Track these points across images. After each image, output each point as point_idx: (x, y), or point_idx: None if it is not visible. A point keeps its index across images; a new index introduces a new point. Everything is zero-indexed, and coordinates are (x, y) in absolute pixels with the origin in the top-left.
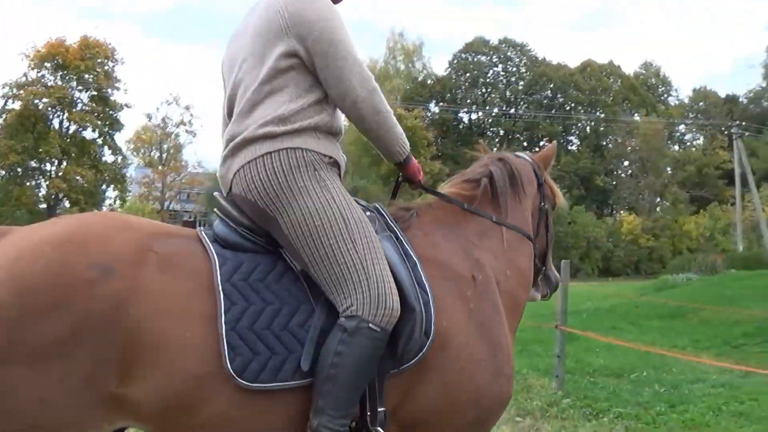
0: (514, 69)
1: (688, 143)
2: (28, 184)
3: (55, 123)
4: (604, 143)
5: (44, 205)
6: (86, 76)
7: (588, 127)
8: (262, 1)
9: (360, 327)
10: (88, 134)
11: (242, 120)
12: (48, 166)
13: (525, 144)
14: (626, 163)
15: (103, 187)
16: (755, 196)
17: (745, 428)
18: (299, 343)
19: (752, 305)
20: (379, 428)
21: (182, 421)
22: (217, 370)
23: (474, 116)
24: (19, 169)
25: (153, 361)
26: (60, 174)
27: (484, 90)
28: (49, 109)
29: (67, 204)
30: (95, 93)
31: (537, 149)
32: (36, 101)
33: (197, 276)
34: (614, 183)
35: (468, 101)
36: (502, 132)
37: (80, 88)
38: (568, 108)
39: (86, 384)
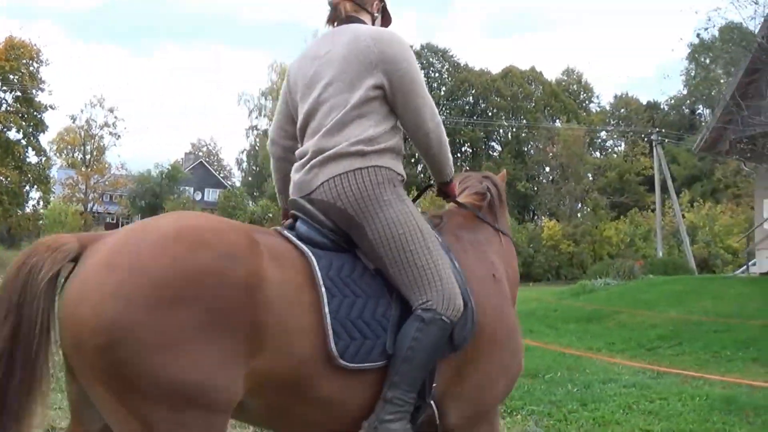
0: (437, 75)
1: (610, 149)
2: None
3: None
4: (526, 149)
5: None
6: (11, 76)
7: (510, 133)
8: (344, 32)
9: (435, 318)
10: (12, 135)
11: (331, 136)
12: None
13: None
14: (547, 169)
15: (27, 188)
16: (675, 202)
17: (653, 426)
18: (383, 330)
19: (668, 309)
20: (432, 401)
21: (291, 397)
22: (323, 351)
23: None
24: None
25: (274, 341)
26: None
27: None
28: None
29: None
30: (20, 94)
31: (459, 155)
32: None
33: (298, 268)
34: (535, 189)
35: None
36: None
37: (5, 88)
38: (489, 114)
39: (222, 363)
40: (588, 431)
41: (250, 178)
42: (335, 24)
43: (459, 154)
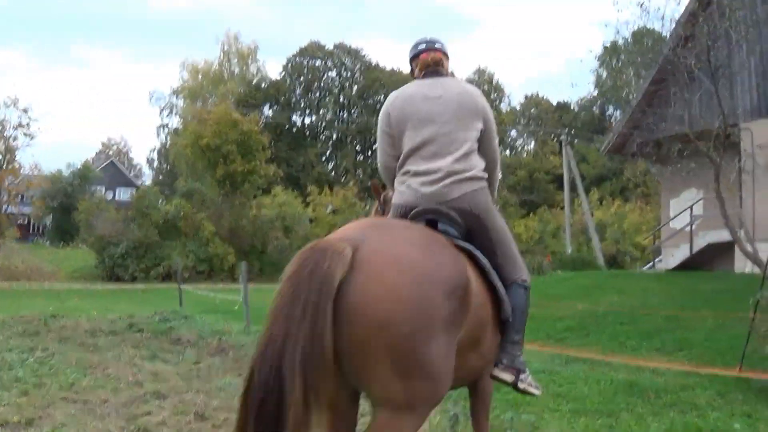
0: (348, 74)
1: (520, 148)
2: None
3: None
4: None
5: None
6: None
7: None
8: (450, 82)
9: (528, 286)
10: None
11: (460, 163)
12: None
13: (357, 148)
14: None
15: None
16: (584, 200)
17: (561, 406)
18: (505, 296)
19: (576, 302)
20: None
21: (470, 352)
22: (495, 314)
23: (307, 120)
24: None
25: (472, 316)
26: None
27: (318, 94)
28: None
29: None
30: None
31: (370, 153)
32: None
33: (465, 259)
34: None
35: (302, 105)
36: (335, 136)
37: None
38: None
39: (455, 339)
40: (501, 411)
41: (161, 177)
42: (423, 74)
43: (369, 152)
